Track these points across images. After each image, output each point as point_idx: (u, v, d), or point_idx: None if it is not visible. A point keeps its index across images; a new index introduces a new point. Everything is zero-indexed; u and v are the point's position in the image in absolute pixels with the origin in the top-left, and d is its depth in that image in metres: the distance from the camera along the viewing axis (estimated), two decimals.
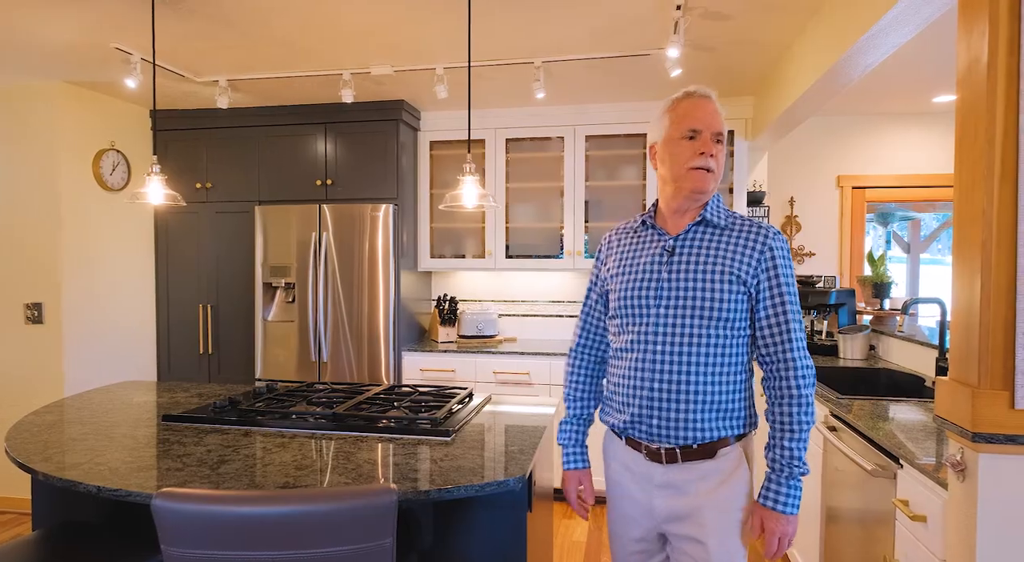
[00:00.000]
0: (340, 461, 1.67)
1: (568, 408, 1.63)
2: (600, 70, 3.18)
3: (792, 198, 4.07)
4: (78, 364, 3.57)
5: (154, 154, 2.55)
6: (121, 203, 3.83)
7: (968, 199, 1.40)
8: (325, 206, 3.76)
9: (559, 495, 3.68)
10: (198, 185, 3.99)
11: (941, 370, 2.59)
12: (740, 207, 3.71)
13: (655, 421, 1.43)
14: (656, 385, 1.42)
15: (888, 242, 4.97)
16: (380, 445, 1.82)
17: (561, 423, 1.64)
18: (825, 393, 2.44)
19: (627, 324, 1.48)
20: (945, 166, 3.94)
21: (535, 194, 3.99)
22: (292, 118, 3.87)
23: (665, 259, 1.47)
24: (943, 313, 2.61)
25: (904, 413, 2.12)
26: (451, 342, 3.98)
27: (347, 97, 3.21)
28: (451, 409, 2.12)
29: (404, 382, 3.76)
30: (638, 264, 1.50)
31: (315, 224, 3.78)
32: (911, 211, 4.65)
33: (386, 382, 3.75)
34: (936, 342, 2.75)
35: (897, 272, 5.11)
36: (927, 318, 4.35)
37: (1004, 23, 1.30)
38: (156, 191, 2.34)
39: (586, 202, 3.85)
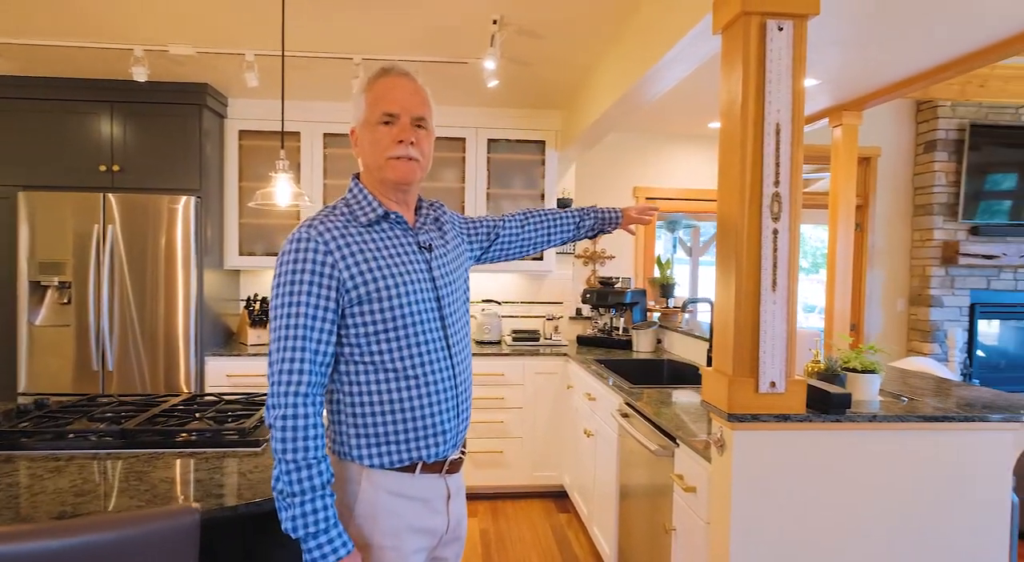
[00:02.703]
0: (132, 483, 1.52)
1: (318, 473, 1.17)
2: (421, 73, 3.21)
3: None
4: None
5: None
6: None
7: (726, 215, 1.66)
8: (111, 195, 3.34)
9: None
10: None
11: (711, 361, 3.02)
12: None
13: (460, 431, 1.36)
14: (462, 392, 1.36)
15: (675, 246, 5.63)
16: (179, 461, 1.68)
17: (310, 498, 1.15)
18: (619, 383, 2.72)
19: (417, 335, 1.26)
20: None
21: None
22: (70, 93, 3.37)
23: (424, 257, 1.33)
24: (712, 311, 3.05)
25: (682, 399, 2.45)
26: (262, 344, 3.75)
27: (139, 76, 2.88)
28: (262, 417, 2.02)
29: (208, 391, 3.48)
30: (403, 265, 1.28)
31: (98, 215, 3.34)
32: (694, 220, 5.32)
33: (187, 391, 3.44)
34: (708, 336, 3.19)
35: (681, 273, 5.82)
36: (705, 314, 5.02)
37: (753, 74, 1.57)
38: None
39: None
